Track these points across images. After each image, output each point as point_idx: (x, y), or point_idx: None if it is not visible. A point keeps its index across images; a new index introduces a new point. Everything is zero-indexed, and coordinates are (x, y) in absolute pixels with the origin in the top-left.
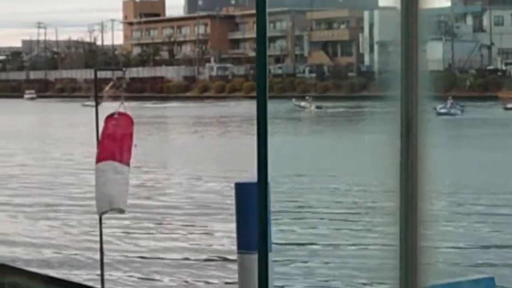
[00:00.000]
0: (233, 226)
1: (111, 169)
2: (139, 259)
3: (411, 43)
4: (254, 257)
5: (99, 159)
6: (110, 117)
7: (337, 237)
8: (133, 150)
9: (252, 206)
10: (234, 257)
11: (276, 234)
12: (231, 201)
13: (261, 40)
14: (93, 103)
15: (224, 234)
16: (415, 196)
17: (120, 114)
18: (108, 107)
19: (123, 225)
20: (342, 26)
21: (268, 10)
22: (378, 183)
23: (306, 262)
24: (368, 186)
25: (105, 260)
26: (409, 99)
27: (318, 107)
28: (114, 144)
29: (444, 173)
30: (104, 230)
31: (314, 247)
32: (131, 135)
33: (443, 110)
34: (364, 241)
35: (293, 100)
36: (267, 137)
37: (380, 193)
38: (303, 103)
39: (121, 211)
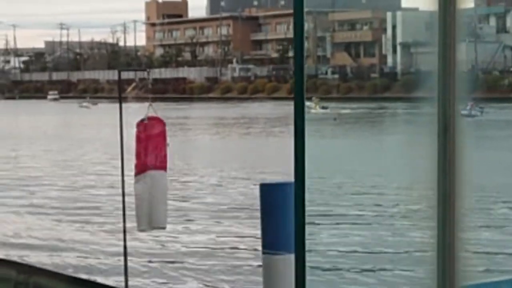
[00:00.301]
0: None
1: (150, 181)
2: None
3: (449, 43)
4: (279, 257)
5: (138, 170)
6: (142, 122)
7: (375, 239)
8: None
9: (277, 207)
10: None
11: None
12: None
13: (299, 40)
14: (90, 104)
15: None
16: (452, 197)
17: (151, 118)
18: (128, 108)
19: None
20: (365, 27)
21: (291, 11)
22: (413, 184)
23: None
24: (403, 187)
25: None
26: (446, 100)
27: (323, 108)
28: (149, 152)
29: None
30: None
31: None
32: (164, 139)
33: (464, 112)
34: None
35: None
36: (305, 138)
37: (416, 194)
38: (308, 103)
39: (162, 228)
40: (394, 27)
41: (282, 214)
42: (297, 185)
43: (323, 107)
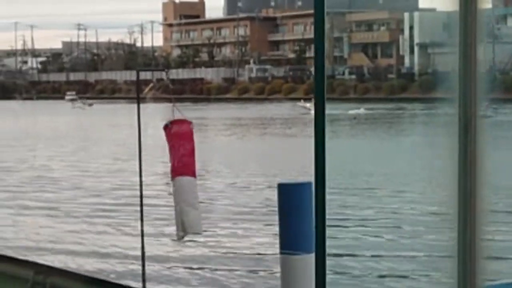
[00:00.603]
0: None
1: (179, 187)
2: None
3: (470, 43)
4: (297, 258)
5: (175, 174)
6: (171, 125)
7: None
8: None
9: (295, 207)
10: None
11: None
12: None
13: (319, 41)
14: (84, 104)
15: None
16: (473, 198)
17: (177, 121)
18: (145, 108)
19: None
20: (382, 28)
21: (308, 12)
22: (432, 186)
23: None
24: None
25: None
26: (467, 100)
27: None
28: (177, 157)
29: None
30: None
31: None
32: (192, 142)
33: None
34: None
35: (301, 101)
36: (325, 138)
37: (436, 195)
38: (308, 104)
39: (197, 234)
40: (411, 28)
41: (300, 214)
42: (317, 185)
43: None
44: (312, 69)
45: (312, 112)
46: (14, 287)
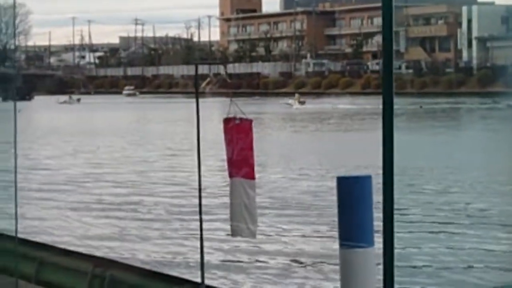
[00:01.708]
0: None
1: (244, 188)
2: None
3: None
4: (356, 251)
5: (232, 173)
6: (230, 121)
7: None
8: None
9: (355, 200)
10: None
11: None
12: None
13: (388, 36)
14: (70, 101)
15: None
16: None
17: (236, 119)
18: (202, 102)
19: None
20: (440, 22)
21: (365, 5)
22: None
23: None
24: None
25: None
26: None
27: (300, 103)
28: (234, 157)
29: None
30: None
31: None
32: (251, 141)
33: None
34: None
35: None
36: (393, 132)
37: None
38: (290, 100)
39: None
40: (469, 21)
41: (360, 207)
42: (385, 178)
43: (300, 102)
44: (369, 63)
45: (295, 107)
46: (73, 279)
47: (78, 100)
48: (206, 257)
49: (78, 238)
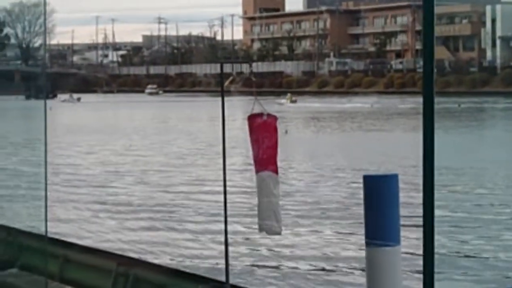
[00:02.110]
0: None
1: (271, 182)
2: None
3: None
4: (382, 249)
5: (260, 168)
6: (256, 117)
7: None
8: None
9: (381, 199)
10: None
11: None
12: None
13: (429, 35)
14: (70, 99)
15: None
16: None
17: (261, 114)
18: (218, 102)
19: None
20: (464, 21)
21: (389, 4)
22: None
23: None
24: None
25: None
26: None
27: (292, 102)
28: (258, 152)
29: None
30: None
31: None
32: (276, 136)
33: None
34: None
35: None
36: (433, 133)
37: None
38: (283, 100)
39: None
40: (493, 21)
41: (386, 206)
42: (425, 178)
43: (292, 101)
44: (393, 62)
45: (287, 105)
46: (98, 277)
47: (78, 99)
48: None
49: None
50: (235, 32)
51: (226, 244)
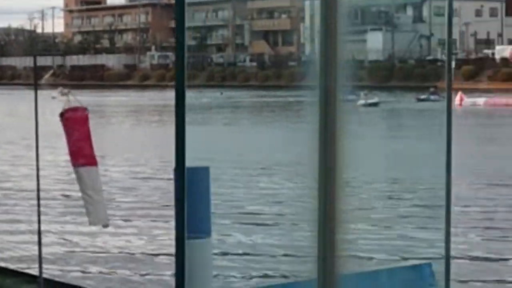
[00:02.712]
0: None
1: (93, 176)
2: None
3: (330, 34)
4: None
5: (74, 161)
6: (66, 111)
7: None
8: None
9: (193, 191)
10: None
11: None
12: None
13: (180, 30)
14: (64, 95)
15: None
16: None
17: (73, 108)
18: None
19: None
20: (283, 16)
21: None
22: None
23: None
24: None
25: None
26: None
27: (63, 95)
28: (74, 147)
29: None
30: None
31: None
32: (88, 130)
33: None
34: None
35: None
36: (185, 126)
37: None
38: (54, 93)
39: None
40: (312, 16)
41: (198, 198)
42: (178, 164)
43: (64, 94)
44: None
45: (58, 99)
46: None
47: None
48: None
49: None
50: (56, 25)
51: (39, 239)
